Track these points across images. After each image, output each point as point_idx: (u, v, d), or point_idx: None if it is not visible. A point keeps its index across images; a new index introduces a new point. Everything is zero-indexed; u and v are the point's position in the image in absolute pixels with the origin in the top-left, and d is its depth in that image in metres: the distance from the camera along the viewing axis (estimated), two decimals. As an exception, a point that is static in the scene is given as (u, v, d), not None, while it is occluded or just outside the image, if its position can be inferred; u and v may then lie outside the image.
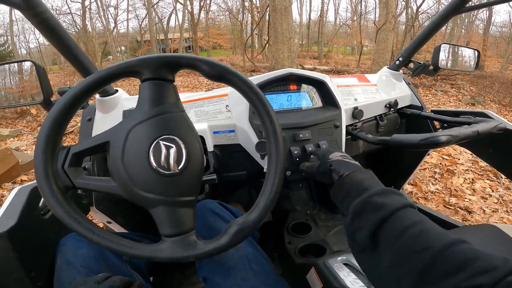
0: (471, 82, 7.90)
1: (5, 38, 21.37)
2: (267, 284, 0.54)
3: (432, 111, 1.03)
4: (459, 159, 2.64)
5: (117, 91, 0.77)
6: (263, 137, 0.72)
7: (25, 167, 3.01)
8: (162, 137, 0.41)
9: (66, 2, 25.30)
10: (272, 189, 0.45)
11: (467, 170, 2.47)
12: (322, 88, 0.84)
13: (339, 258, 0.68)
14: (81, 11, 17.48)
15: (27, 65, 0.72)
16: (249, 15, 16.59)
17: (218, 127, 0.76)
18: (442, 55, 1.04)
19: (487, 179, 2.32)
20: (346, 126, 0.83)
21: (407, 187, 2.13)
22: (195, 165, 0.43)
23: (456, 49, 1.19)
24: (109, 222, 0.82)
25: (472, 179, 2.32)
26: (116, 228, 0.86)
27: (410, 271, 0.34)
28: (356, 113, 0.85)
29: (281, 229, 1.07)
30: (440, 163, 2.58)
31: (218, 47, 25.80)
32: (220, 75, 0.44)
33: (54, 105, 0.39)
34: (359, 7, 20.01)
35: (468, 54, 1.21)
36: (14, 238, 0.53)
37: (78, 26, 19.07)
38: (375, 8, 15.02)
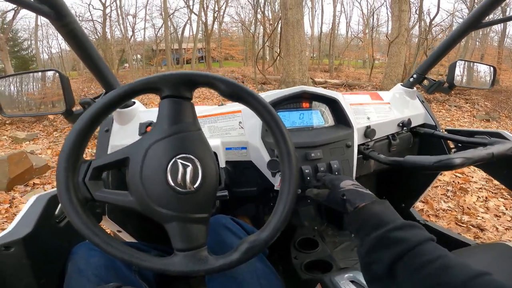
0: (485, 97, 7.74)
1: (29, 42, 22.40)
2: None
3: (446, 130, 1.01)
4: (472, 177, 2.59)
5: (134, 103, 0.79)
6: (275, 156, 0.73)
7: (39, 170, 3.10)
8: (180, 155, 0.42)
9: (89, 9, 26.56)
10: (284, 209, 0.46)
11: (480, 188, 2.42)
12: (334, 106, 0.84)
13: (345, 275, 0.67)
14: (102, 19, 18.28)
15: (49, 73, 0.75)
16: (261, 27, 16.92)
17: (231, 144, 0.77)
18: (458, 72, 1.03)
19: (501, 197, 2.28)
20: (358, 146, 0.82)
21: (418, 204, 2.09)
22: (210, 184, 0.44)
23: (472, 66, 1.18)
24: (119, 231, 0.83)
25: (486, 197, 2.27)
26: (126, 237, 0.87)
27: None
28: (369, 132, 0.84)
29: (288, 244, 1.06)
30: (453, 181, 2.54)
31: (230, 58, 26.28)
32: (236, 94, 0.46)
33: (78, 120, 0.41)
34: (371, 20, 20.10)
35: (483, 70, 1.19)
36: (29, 245, 0.54)
37: (98, 33, 19.90)
38: (388, 21, 15.03)
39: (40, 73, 0.76)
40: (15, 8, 14.37)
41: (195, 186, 0.42)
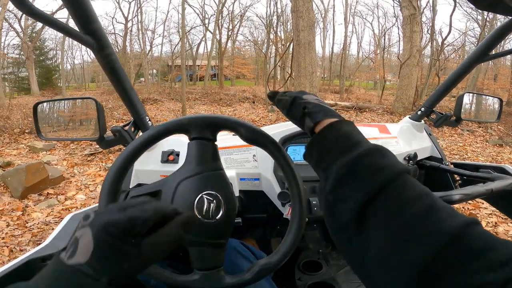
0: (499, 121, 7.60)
1: (54, 52, 23.53)
2: None
3: (452, 163, 1.03)
4: (482, 203, 2.57)
5: None
6: (285, 188, 0.78)
7: (54, 181, 3.20)
8: (206, 192, 0.49)
9: (112, 22, 28.02)
10: (294, 238, 0.51)
11: (490, 214, 2.42)
12: None
13: None
14: (123, 32, 19.21)
15: (86, 101, 0.82)
16: (274, 47, 17.33)
17: (245, 175, 0.83)
18: (465, 105, 1.05)
19: (510, 223, 2.28)
20: None
21: None
22: (230, 216, 0.51)
23: (479, 98, 1.20)
24: None
25: (495, 223, 2.27)
26: None
27: (411, 261, 0.26)
28: None
29: (293, 265, 1.07)
30: (463, 207, 2.54)
31: (242, 76, 26.84)
32: (255, 139, 0.52)
33: (118, 157, 0.48)
34: (383, 40, 20.14)
35: (491, 103, 1.21)
36: None
37: (119, 46, 20.83)
38: (399, 41, 15.06)
39: (77, 100, 0.83)
40: (52, 12, 15.18)
41: (217, 218, 0.49)
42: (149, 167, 0.80)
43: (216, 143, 0.53)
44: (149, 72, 21.45)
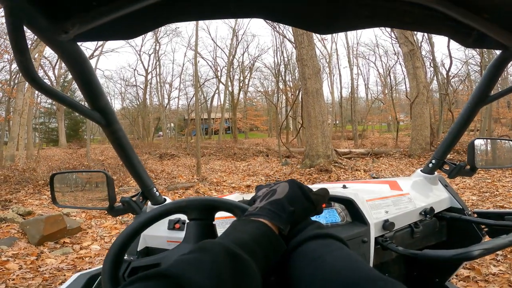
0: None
1: (83, 103, 25.50)
2: None
3: (475, 212, 0.97)
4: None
5: (165, 199, 0.89)
6: None
7: (71, 231, 3.28)
8: None
9: (134, 74, 30.76)
10: None
11: None
12: (350, 205, 0.87)
13: None
14: (144, 85, 20.79)
15: (97, 174, 0.88)
16: (284, 96, 18.11)
17: None
18: (478, 152, 1.01)
19: None
20: (376, 238, 0.82)
21: (462, 271, 1.98)
22: None
23: (492, 142, 1.14)
24: None
25: None
26: None
27: None
28: (387, 225, 0.84)
29: None
30: None
31: (255, 128, 27.77)
32: None
33: (124, 230, 0.51)
34: (389, 79, 20.28)
35: (506, 147, 1.14)
36: None
37: (139, 99, 22.39)
38: (404, 78, 15.21)
39: (90, 172, 0.90)
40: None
41: None
42: (156, 233, 0.82)
43: (214, 222, 0.55)
44: (167, 126, 22.66)
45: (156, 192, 0.84)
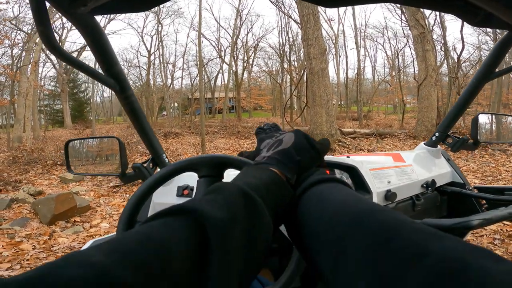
0: (535, 142, 7.09)
1: (86, 85, 25.39)
2: None
3: (475, 187, 0.99)
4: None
5: None
6: None
7: (81, 210, 3.37)
8: None
9: (137, 55, 30.43)
10: (295, 267, 0.52)
11: None
12: (353, 173, 0.88)
13: None
14: (147, 66, 20.60)
15: (110, 139, 0.90)
16: (288, 76, 17.79)
17: None
18: (482, 126, 1.01)
19: None
20: None
21: None
22: None
23: (496, 118, 1.15)
24: None
25: None
26: None
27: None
28: (389, 195, 0.85)
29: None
30: (501, 229, 2.37)
31: (259, 108, 27.49)
32: None
33: (135, 192, 0.52)
34: (397, 62, 19.80)
35: (510, 122, 1.15)
36: None
37: (143, 79, 22.19)
38: (413, 61, 14.77)
39: (103, 139, 0.92)
40: (79, 50, 16.77)
41: None
42: (165, 200, 0.84)
43: (223, 180, 0.56)
44: (171, 105, 22.58)
45: (166, 159, 0.87)
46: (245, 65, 21.98)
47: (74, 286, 0.15)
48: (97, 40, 0.58)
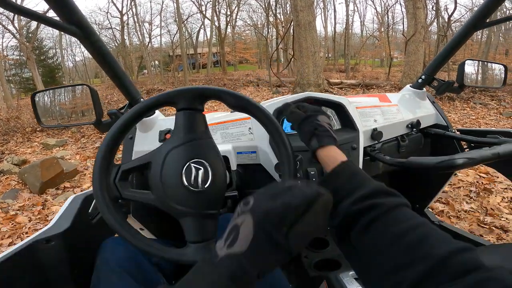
0: (513, 93, 7.33)
1: (54, 51, 23.53)
2: None
3: (458, 130, 1.01)
4: (497, 177, 2.48)
5: (154, 112, 0.86)
6: None
7: (69, 175, 3.30)
8: (193, 160, 0.49)
9: (107, 17, 27.84)
10: None
11: (506, 188, 2.33)
12: (340, 110, 0.86)
13: (350, 273, 0.71)
14: (120, 26, 19.01)
15: (80, 87, 0.84)
16: (274, 29, 16.90)
17: (241, 148, 0.82)
18: (468, 72, 1.03)
19: None
20: (365, 148, 0.83)
21: (437, 205, 2.08)
22: (218, 184, 0.51)
23: (482, 65, 1.16)
24: (142, 229, 0.91)
25: (511, 198, 2.18)
26: (147, 234, 0.94)
27: (400, 282, 0.30)
28: (375, 134, 0.85)
29: None
30: (477, 182, 2.45)
31: (245, 61, 26.47)
32: (243, 106, 0.52)
33: (109, 131, 0.48)
34: (386, 18, 19.34)
35: (495, 70, 1.18)
36: (67, 239, 0.62)
37: (117, 41, 20.61)
38: (403, 18, 14.42)
39: (72, 87, 0.85)
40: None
41: (205, 186, 0.49)
42: (147, 147, 0.80)
43: (203, 113, 0.53)
44: (151, 63, 21.36)
45: None
46: (228, 19, 20.57)
47: None
48: None
